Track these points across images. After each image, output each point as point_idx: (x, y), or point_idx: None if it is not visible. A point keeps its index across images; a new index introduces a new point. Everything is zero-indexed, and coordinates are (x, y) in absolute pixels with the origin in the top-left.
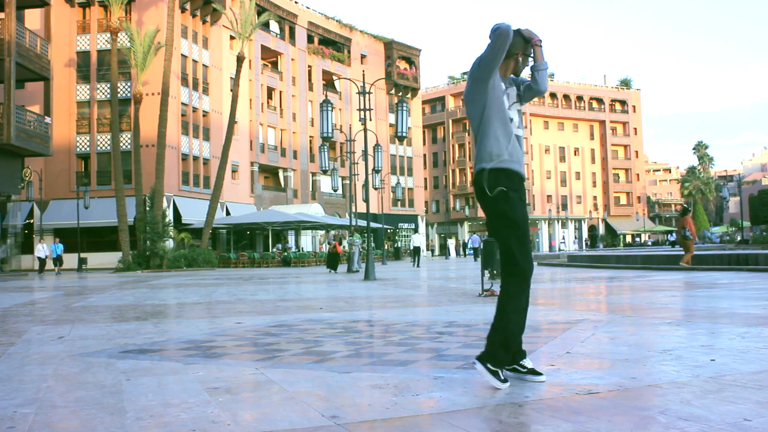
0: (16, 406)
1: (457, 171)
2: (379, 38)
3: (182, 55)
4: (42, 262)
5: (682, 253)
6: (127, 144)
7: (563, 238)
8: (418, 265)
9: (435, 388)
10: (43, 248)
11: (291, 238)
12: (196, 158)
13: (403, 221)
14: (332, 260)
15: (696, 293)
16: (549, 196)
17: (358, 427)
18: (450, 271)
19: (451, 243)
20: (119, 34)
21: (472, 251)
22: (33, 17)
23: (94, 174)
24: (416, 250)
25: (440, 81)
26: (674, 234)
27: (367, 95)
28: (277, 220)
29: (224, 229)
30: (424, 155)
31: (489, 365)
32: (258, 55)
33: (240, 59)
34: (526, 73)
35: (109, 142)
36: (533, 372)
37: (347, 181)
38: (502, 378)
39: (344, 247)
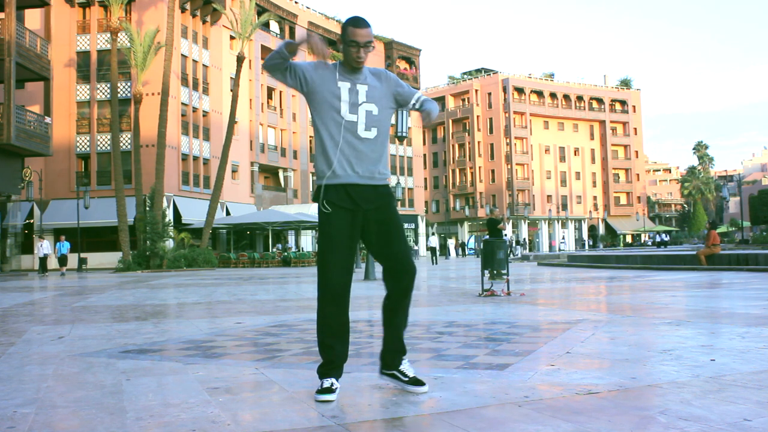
0: (16, 406)
1: (457, 171)
2: (379, 38)
3: (182, 55)
4: (43, 261)
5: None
6: (127, 144)
7: (563, 238)
8: (435, 263)
9: (435, 388)
10: (42, 246)
11: (291, 238)
12: (196, 158)
13: (403, 221)
14: None
15: (696, 293)
16: (549, 196)
17: (358, 427)
18: (450, 271)
19: (451, 243)
20: (119, 34)
21: (472, 251)
22: (33, 17)
23: (94, 174)
24: (433, 251)
25: (440, 81)
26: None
27: None
28: (277, 220)
29: (224, 229)
30: (424, 155)
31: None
32: (258, 55)
33: (240, 59)
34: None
35: (109, 142)
36: (415, 382)
37: None
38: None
39: None
